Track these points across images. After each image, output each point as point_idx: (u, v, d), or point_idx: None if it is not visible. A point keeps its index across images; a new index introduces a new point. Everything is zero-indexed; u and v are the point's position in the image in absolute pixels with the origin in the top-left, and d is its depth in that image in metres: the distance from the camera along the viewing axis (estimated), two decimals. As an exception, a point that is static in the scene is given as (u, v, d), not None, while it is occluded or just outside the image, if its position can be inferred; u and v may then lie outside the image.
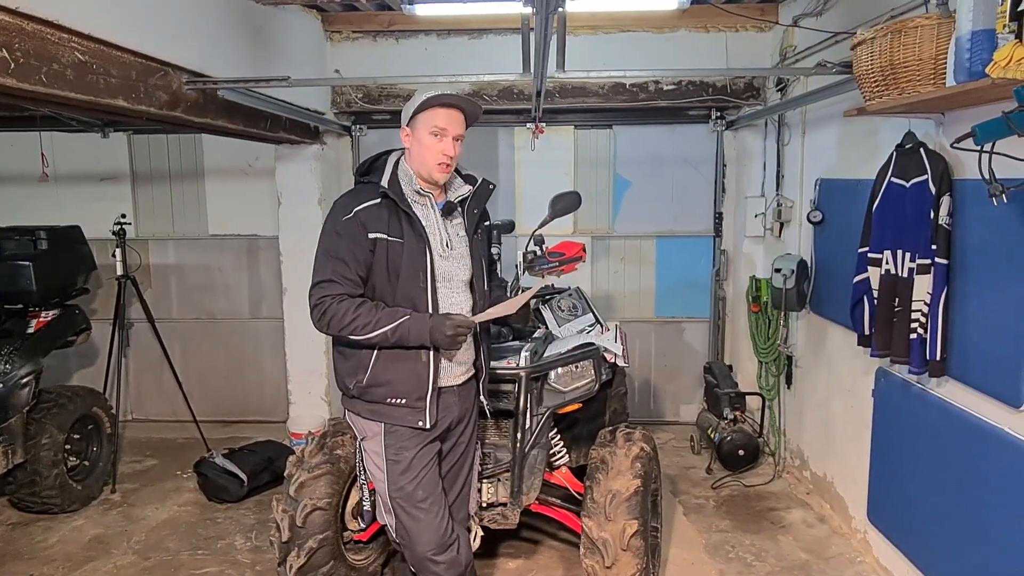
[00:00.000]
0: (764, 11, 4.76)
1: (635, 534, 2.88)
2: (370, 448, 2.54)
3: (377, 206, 2.40)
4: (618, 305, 5.67)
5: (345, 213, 2.39)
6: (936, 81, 2.50)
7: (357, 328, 2.32)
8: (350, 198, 2.45)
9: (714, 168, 5.50)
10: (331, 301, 2.34)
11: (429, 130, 2.41)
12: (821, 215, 4.04)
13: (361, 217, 2.38)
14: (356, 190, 2.52)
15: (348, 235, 2.37)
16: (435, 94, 2.42)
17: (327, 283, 2.35)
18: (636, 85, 5.01)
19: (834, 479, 4.05)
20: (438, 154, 2.42)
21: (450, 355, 2.53)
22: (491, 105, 5.08)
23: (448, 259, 2.50)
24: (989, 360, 2.60)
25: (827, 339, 4.10)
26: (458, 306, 2.52)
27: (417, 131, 2.44)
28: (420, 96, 2.44)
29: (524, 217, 5.24)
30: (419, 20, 4.89)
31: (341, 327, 2.34)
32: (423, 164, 2.45)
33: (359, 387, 2.44)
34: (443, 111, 2.42)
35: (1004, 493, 2.51)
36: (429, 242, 2.43)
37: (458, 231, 2.57)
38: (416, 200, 2.48)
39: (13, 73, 2.19)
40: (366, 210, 2.39)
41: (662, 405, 5.81)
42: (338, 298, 2.34)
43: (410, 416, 2.44)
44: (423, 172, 2.46)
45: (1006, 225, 2.46)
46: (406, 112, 2.48)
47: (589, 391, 3.29)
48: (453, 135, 2.44)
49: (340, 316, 2.32)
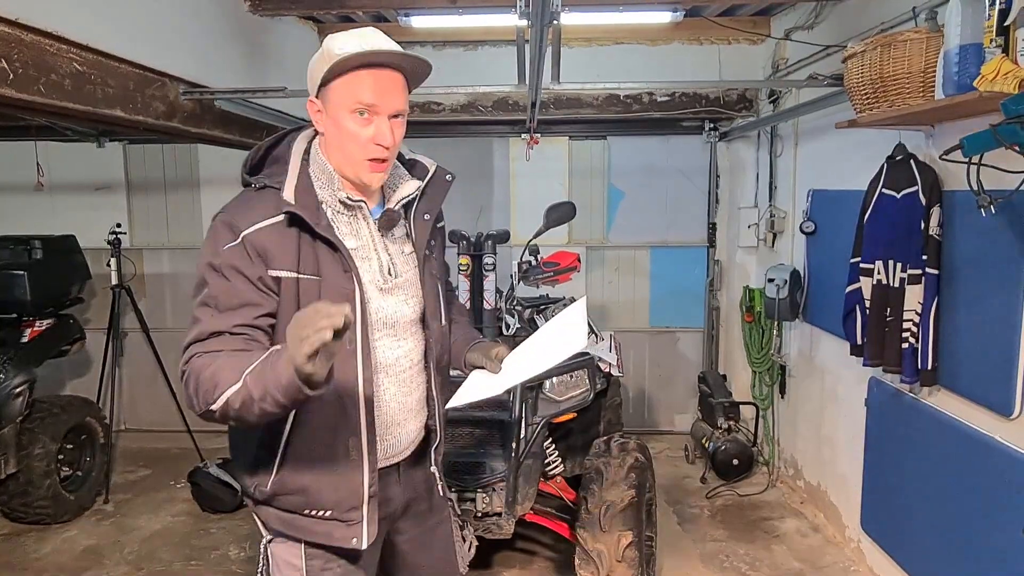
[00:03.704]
0: (756, 24, 4.82)
1: (630, 545, 2.88)
2: (281, 557, 1.72)
3: (279, 227, 1.54)
4: (612, 315, 5.68)
5: (228, 238, 1.52)
6: (925, 94, 2.54)
7: (207, 391, 1.40)
8: (236, 213, 1.56)
9: (707, 179, 5.53)
10: (195, 362, 1.45)
11: (351, 107, 1.55)
12: (813, 225, 4.07)
13: (254, 244, 1.51)
14: (246, 198, 1.61)
15: (234, 272, 1.50)
16: (356, 50, 1.52)
17: (197, 344, 1.48)
18: (630, 97, 5.05)
19: (828, 488, 4.07)
20: (367, 145, 1.57)
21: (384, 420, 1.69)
22: (486, 116, 5.12)
23: (391, 293, 1.68)
24: (980, 369, 2.62)
25: (820, 349, 4.12)
26: (406, 359, 1.74)
27: (331, 107, 1.57)
28: (331, 51, 1.54)
29: (519, 227, 5.25)
30: (415, 32, 4.93)
31: (198, 399, 1.43)
32: (345, 160, 1.61)
33: (263, 492, 1.66)
34: (370, 75, 1.54)
35: (996, 502, 2.53)
36: (360, 277, 1.60)
37: (403, 248, 1.73)
38: (341, 212, 1.64)
39: (12, 83, 2.20)
40: (262, 233, 1.52)
41: (656, 415, 5.82)
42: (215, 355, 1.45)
43: (339, 532, 1.66)
44: (346, 171, 1.62)
45: (995, 236, 2.49)
46: (312, 75, 1.60)
47: (584, 401, 3.30)
48: (390, 112, 1.58)
49: (194, 379, 1.43)
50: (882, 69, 2.62)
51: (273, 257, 1.53)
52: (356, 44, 1.53)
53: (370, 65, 1.54)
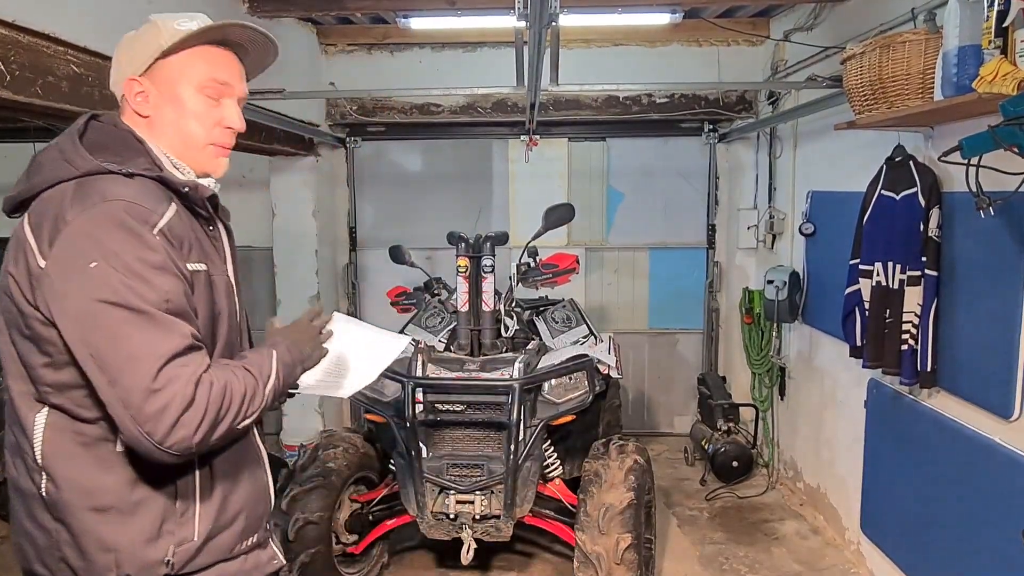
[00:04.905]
0: (755, 26, 4.82)
1: (629, 547, 2.87)
2: None
3: (180, 215, 1.35)
4: (611, 317, 5.68)
5: (142, 227, 1.24)
6: (924, 95, 2.53)
7: (256, 399, 1.31)
8: (133, 201, 1.26)
9: (707, 180, 5.53)
10: (210, 380, 1.23)
11: (200, 84, 1.39)
12: (813, 227, 4.07)
13: (174, 235, 1.30)
14: (123, 182, 1.29)
15: (172, 266, 1.27)
16: (211, 24, 1.38)
17: (183, 356, 1.22)
18: (629, 98, 5.05)
19: (827, 490, 4.06)
20: (213, 128, 1.42)
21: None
22: (485, 118, 5.12)
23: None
24: (980, 371, 2.61)
25: (819, 350, 4.11)
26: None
27: (169, 85, 1.38)
28: (171, 25, 1.37)
29: (518, 229, 5.25)
30: (414, 33, 4.93)
31: (240, 414, 1.27)
32: (184, 144, 1.41)
33: (188, 551, 1.34)
34: (222, 54, 1.42)
35: (996, 504, 2.52)
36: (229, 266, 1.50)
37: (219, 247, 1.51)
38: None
39: (8, 85, 2.20)
40: (174, 221, 1.32)
41: (656, 417, 5.81)
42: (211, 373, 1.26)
43: (265, 556, 1.50)
44: (188, 157, 1.42)
45: (994, 237, 2.49)
46: (137, 50, 1.39)
47: (583, 403, 3.29)
48: (241, 95, 1.48)
49: (230, 395, 1.25)
50: (881, 70, 2.62)
51: (188, 250, 1.34)
52: (197, 24, 1.38)
53: (223, 43, 1.42)
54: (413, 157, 5.65)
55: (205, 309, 1.36)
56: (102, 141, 1.37)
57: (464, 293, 3.48)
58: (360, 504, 3.36)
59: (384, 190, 5.60)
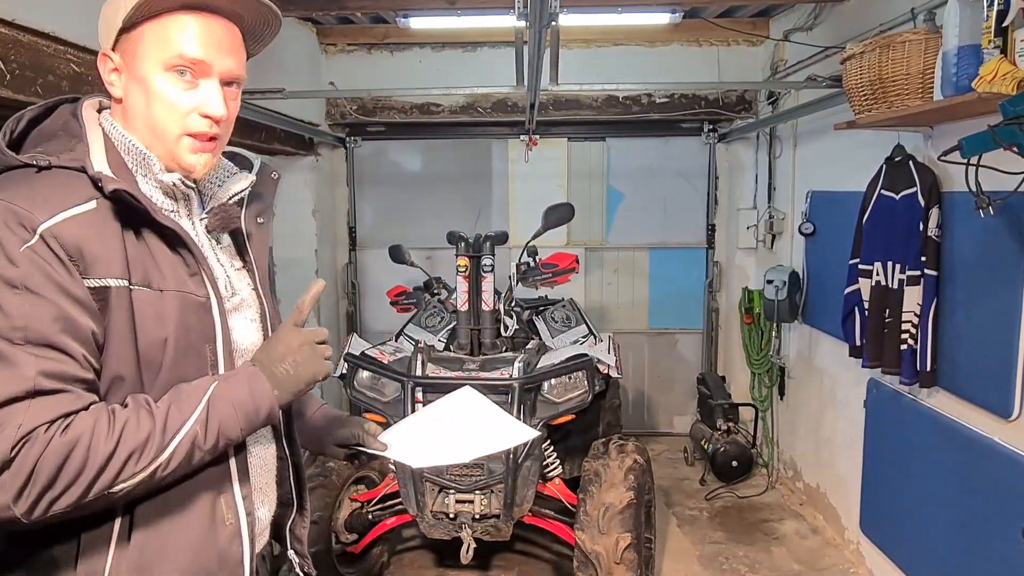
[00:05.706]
0: (755, 25, 4.82)
1: (628, 547, 2.87)
2: None
3: (95, 217, 1.06)
4: (611, 316, 5.68)
5: (21, 237, 1.00)
6: (924, 95, 2.54)
7: (131, 460, 1.01)
8: (11, 202, 1.01)
9: (706, 180, 5.53)
10: (50, 435, 0.97)
11: (166, 62, 1.12)
12: (812, 227, 4.07)
13: (63, 241, 1.02)
14: (24, 181, 1.06)
15: (39, 283, 0.99)
16: None
17: (12, 404, 0.96)
18: (629, 98, 5.05)
19: (827, 490, 4.06)
20: (186, 116, 1.14)
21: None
22: (485, 117, 5.12)
23: (237, 311, 1.26)
24: (979, 371, 2.62)
25: (819, 350, 4.12)
26: None
27: (136, 61, 1.13)
28: None
29: (517, 229, 5.25)
30: (414, 33, 4.93)
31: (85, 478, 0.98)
32: (154, 135, 1.15)
33: None
34: (196, 20, 1.12)
35: (996, 503, 2.52)
36: (217, 285, 1.20)
37: (234, 262, 1.31)
38: (161, 204, 1.18)
39: (9, 84, 2.20)
40: (71, 226, 1.03)
41: (655, 416, 5.81)
42: (62, 424, 0.98)
43: None
44: (156, 151, 1.16)
45: (993, 237, 2.49)
46: (107, 18, 1.14)
47: (582, 402, 3.29)
48: (223, 74, 1.16)
49: (84, 453, 0.98)
50: (881, 70, 2.62)
51: (94, 260, 1.03)
52: None
53: (196, 8, 1.11)
54: (413, 157, 5.65)
55: (123, 333, 1.07)
56: (52, 129, 1.16)
57: (464, 293, 3.49)
58: (360, 503, 3.36)
59: (384, 190, 5.60)
